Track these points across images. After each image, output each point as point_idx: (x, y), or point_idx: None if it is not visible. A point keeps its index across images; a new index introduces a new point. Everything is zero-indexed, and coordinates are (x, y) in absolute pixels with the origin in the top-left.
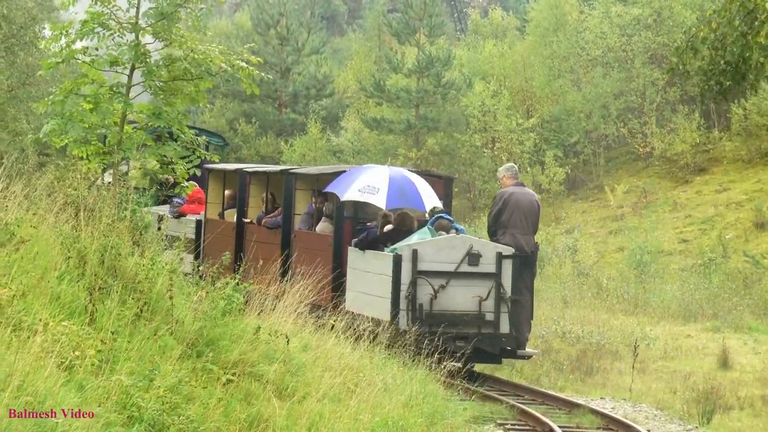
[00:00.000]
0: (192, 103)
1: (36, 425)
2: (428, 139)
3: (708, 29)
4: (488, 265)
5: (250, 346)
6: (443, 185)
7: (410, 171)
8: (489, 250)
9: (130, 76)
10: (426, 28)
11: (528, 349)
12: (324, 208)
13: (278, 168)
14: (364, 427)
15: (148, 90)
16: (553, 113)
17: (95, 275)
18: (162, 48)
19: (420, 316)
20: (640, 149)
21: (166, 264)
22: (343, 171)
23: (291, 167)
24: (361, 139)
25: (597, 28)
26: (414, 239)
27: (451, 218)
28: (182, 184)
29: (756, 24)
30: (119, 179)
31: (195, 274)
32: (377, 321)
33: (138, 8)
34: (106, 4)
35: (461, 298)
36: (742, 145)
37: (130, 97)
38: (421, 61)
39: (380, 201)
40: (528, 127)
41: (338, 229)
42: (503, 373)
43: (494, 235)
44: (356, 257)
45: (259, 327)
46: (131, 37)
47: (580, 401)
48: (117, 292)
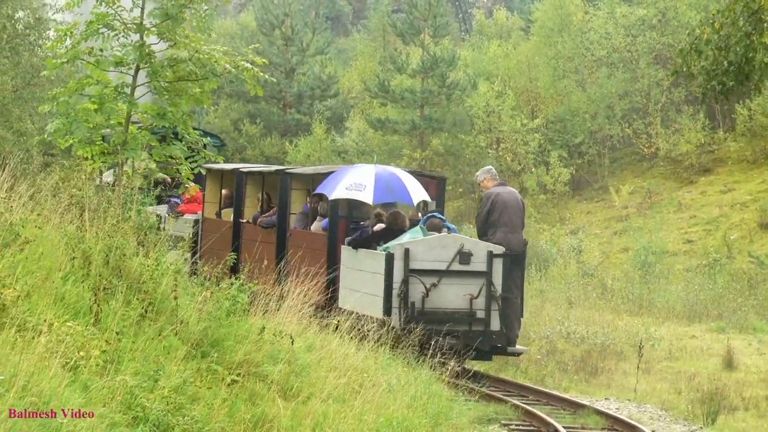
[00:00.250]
0: (196, 104)
1: (41, 426)
2: (433, 140)
3: (712, 30)
4: (479, 264)
5: (255, 347)
6: (436, 185)
7: (399, 169)
8: (480, 249)
9: (135, 77)
10: (430, 29)
11: (518, 346)
12: (318, 208)
13: (274, 168)
14: (369, 428)
15: (153, 91)
16: (558, 114)
17: (100, 275)
18: (166, 48)
19: (412, 314)
20: (645, 150)
21: (171, 264)
22: (335, 171)
23: (286, 167)
24: (366, 140)
25: (602, 29)
26: (406, 238)
27: (443, 217)
28: (187, 185)
29: (760, 25)
30: (118, 179)
31: (192, 273)
32: (371, 318)
33: (143, 9)
34: (111, 5)
35: (453, 296)
36: (747, 146)
37: (135, 98)
38: (426, 62)
39: (367, 197)
40: (533, 128)
41: (332, 229)
42: (508, 374)
43: (485, 236)
44: (349, 256)
45: (264, 327)
46: (136, 38)
47: (585, 402)
48: (122, 293)
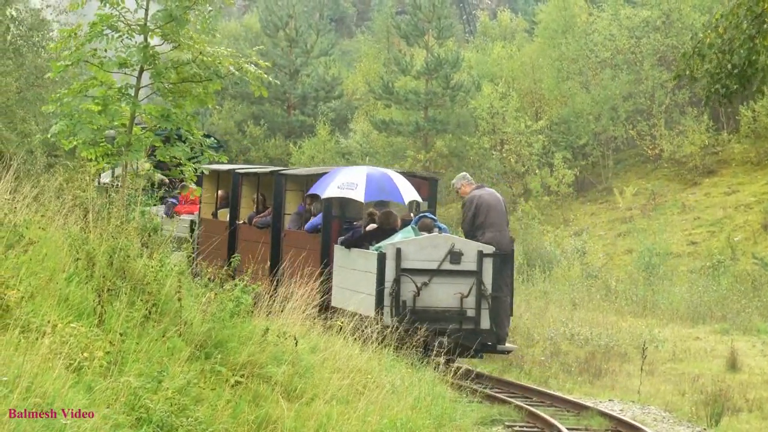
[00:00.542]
0: (200, 105)
1: (45, 426)
2: (437, 141)
3: (715, 34)
4: (469, 263)
5: (259, 348)
6: (428, 186)
7: (391, 170)
8: (470, 249)
9: (139, 78)
10: (435, 30)
11: (507, 344)
12: (312, 208)
13: (269, 169)
14: (372, 429)
15: (157, 92)
16: (562, 115)
17: (104, 277)
18: (171, 50)
19: (403, 313)
20: (649, 151)
21: (175, 265)
22: (329, 172)
23: (281, 168)
24: (370, 141)
25: (606, 30)
26: (398, 238)
27: (435, 217)
28: (190, 186)
29: (763, 28)
30: (122, 180)
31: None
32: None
33: (147, 10)
34: (115, 6)
35: (443, 295)
36: (751, 147)
37: (139, 99)
38: (430, 63)
39: (359, 195)
40: (537, 129)
41: (326, 229)
42: (511, 375)
43: (473, 238)
44: (342, 255)
45: (268, 329)
46: (140, 39)
47: (589, 403)
48: (125, 294)
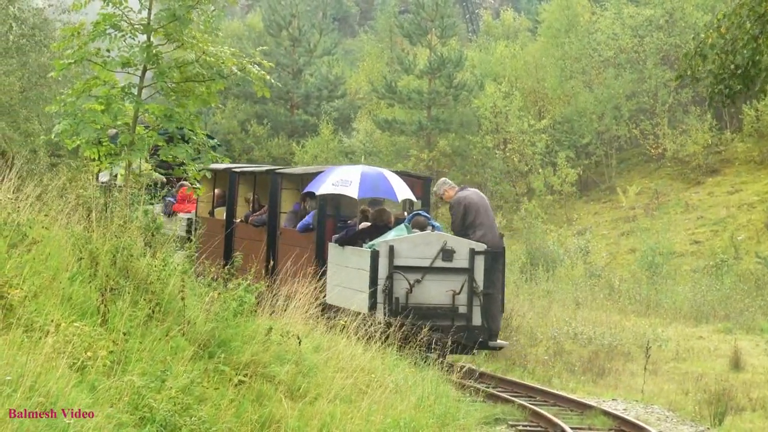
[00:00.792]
0: (204, 105)
1: (48, 426)
2: (440, 141)
3: (717, 34)
4: (461, 261)
5: (262, 347)
6: (421, 185)
7: (385, 169)
8: (462, 247)
9: (142, 78)
10: (438, 30)
11: (499, 341)
12: (307, 207)
13: (265, 168)
14: (376, 428)
15: (160, 92)
16: (565, 114)
17: (107, 276)
18: (174, 50)
19: (396, 309)
20: (652, 150)
21: (178, 265)
22: (324, 171)
23: (277, 167)
24: (373, 141)
25: (609, 29)
26: (391, 236)
27: (429, 215)
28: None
29: (767, 28)
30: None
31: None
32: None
33: (150, 10)
34: (118, 6)
35: (436, 292)
36: (754, 147)
37: (142, 98)
38: (433, 63)
39: (353, 192)
40: (540, 129)
41: (320, 227)
42: (515, 374)
43: (464, 237)
44: (336, 253)
45: (271, 328)
46: (143, 39)
47: (592, 402)
48: (129, 293)
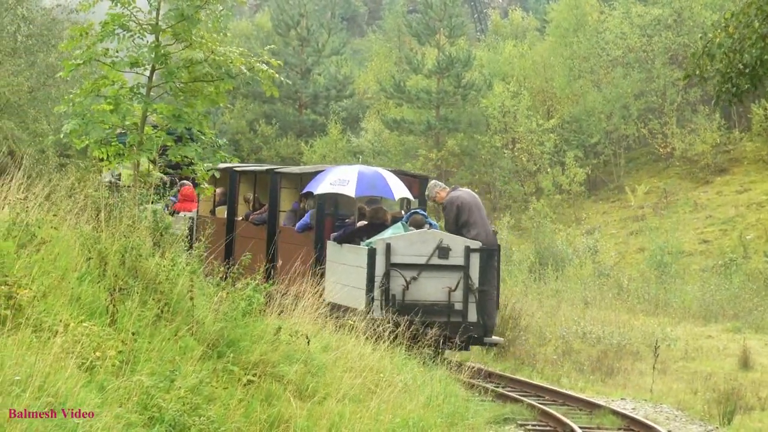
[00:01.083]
0: (212, 105)
1: (57, 426)
2: (448, 140)
3: (725, 34)
4: (457, 258)
5: (271, 347)
6: (419, 184)
7: (382, 168)
8: (458, 244)
9: (151, 78)
10: (446, 29)
11: (494, 337)
12: (305, 206)
13: (265, 167)
14: (385, 428)
15: (169, 92)
16: (574, 114)
17: (116, 276)
18: (182, 50)
19: (393, 306)
20: (661, 150)
21: (187, 265)
22: (323, 170)
23: (276, 167)
24: (382, 140)
25: (617, 29)
26: (388, 234)
27: (426, 214)
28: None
29: None
30: (134, 179)
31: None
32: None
33: (158, 10)
34: (127, 6)
35: (432, 289)
36: (763, 146)
37: (150, 98)
38: (441, 62)
39: (350, 190)
40: (548, 128)
41: (319, 225)
42: (524, 374)
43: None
44: (334, 251)
45: (280, 327)
46: (151, 39)
47: (601, 402)
48: (138, 293)
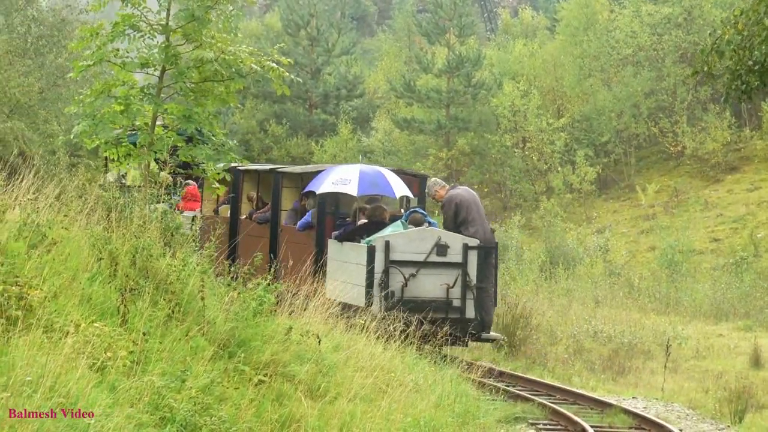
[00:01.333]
0: (222, 105)
1: (69, 426)
2: (459, 140)
3: (734, 31)
4: (455, 255)
5: (282, 347)
6: (418, 183)
7: (382, 167)
8: (456, 242)
9: (161, 78)
10: (456, 28)
11: (492, 333)
12: (306, 205)
13: (268, 167)
14: (396, 428)
15: (179, 92)
16: (584, 112)
17: (127, 276)
18: (192, 50)
19: (392, 302)
20: (671, 148)
21: (198, 265)
22: (324, 170)
23: (278, 166)
24: (392, 140)
25: (627, 27)
26: (388, 231)
27: (425, 213)
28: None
29: None
30: (144, 179)
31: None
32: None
33: (168, 10)
34: (137, 7)
35: (430, 286)
36: None
37: (161, 99)
38: (452, 62)
39: (352, 189)
40: (558, 127)
41: (320, 224)
42: (535, 373)
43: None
44: (335, 249)
45: (291, 327)
46: (161, 39)
47: (612, 401)
48: (148, 293)
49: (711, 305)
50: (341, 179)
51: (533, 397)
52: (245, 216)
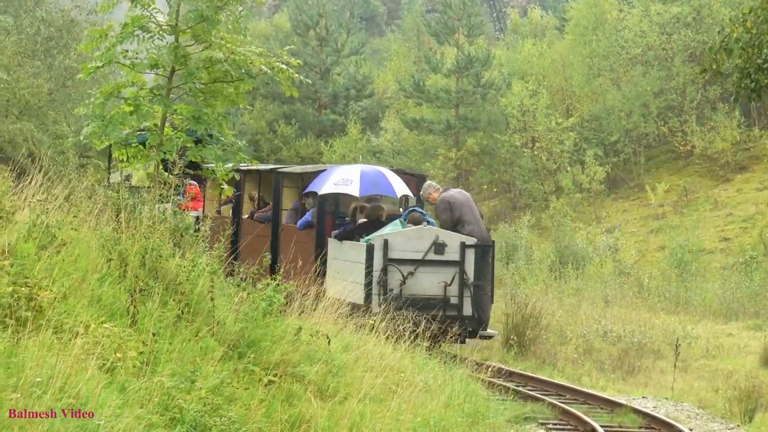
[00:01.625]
0: (232, 105)
1: (79, 426)
2: (468, 139)
3: (743, 29)
4: (453, 254)
5: (292, 347)
6: (416, 183)
7: (382, 167)
8: (454, 240)
9: (170, 79)
10: (465, 28)
11: (489, 330)
12: (306, 205)
13: (269, 167)
14: (406, 428)
15: (188, 92)
16: (593, 112)
17: (136, 277)
18: (202, 50)
19: (390, 300)
20: (681, 148)
21: (207, 265)
22: (324, 170)
23: (279, 166)
24: (401, 140)
25: (636, 27)
26: (387, 230)
27: (424, 212)
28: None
29: None
30: (153, 180)
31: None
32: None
33: (177, 11)
34: (146, 7)
35: (428, 284)
36: None
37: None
38: (461, 61)
39: (354, 190)
40: (568, 126)
41: (320, 223)
42: (544, 373)
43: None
44: (335, 247)
45: (300, 328)
46: (171, 40)
47: (622, 401)
48: (158, 294)
49: (721, 304)
50: (342, 180)
51: (543, 397)
52: (247, 215)
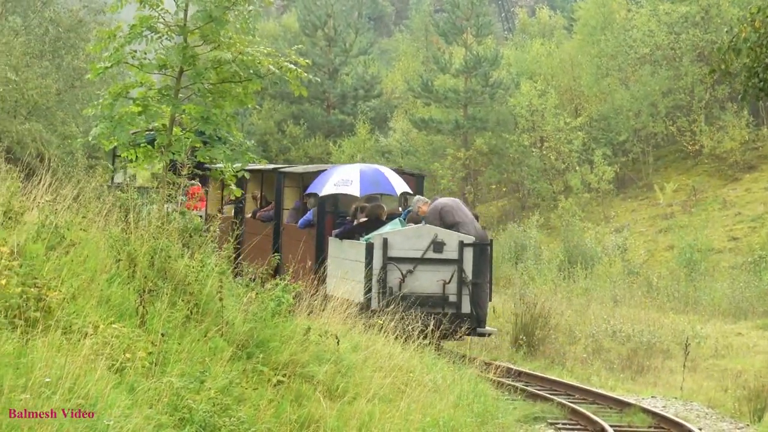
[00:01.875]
0: (240, 106)
1: (88, 427)
2: (476, 139)
3: (751, 29)
4: (451, 252)
5: (301, 347)
6: (415, 182)
7: (381, 165)
8: (452, 239)
9: (179, 79)
10: (473, 28)
11: (487, 327)
12: (308, 204)
13: (271, 167)
14: (415, 428)
15: (197, 93)
16: (602, 112)
17: (145, 277)
18: (210, 51)
19: (390, 298)
20: (689, 147)
21: (216, 266)
22: (325, 170)
23: (281, 166)
24: (410, 140)
25: (645, 26)
26: (386, 229)
27: None
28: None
29: None
30: (162, 180)
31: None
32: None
33: (186, 11)
34: (155, 8)
35: (427, 282)
36: None
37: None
38: (469, 61)
39: (354, 190)
40: (576, 126)
41: (320, 223)
42: (553, 373)
43: None
44: (335, 246)
45: (309, 328)
46: (179, 40)
47: (631, 400)
48: (167, 294)
49: (729, 304)
50: (343, 180)
51: (552, 397)
52: (249, 214)
